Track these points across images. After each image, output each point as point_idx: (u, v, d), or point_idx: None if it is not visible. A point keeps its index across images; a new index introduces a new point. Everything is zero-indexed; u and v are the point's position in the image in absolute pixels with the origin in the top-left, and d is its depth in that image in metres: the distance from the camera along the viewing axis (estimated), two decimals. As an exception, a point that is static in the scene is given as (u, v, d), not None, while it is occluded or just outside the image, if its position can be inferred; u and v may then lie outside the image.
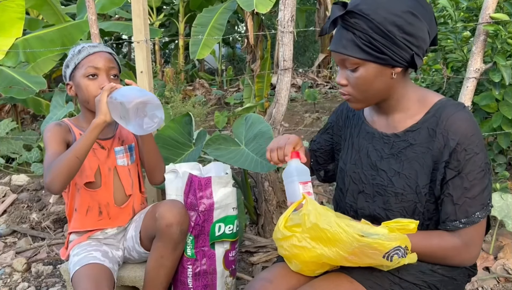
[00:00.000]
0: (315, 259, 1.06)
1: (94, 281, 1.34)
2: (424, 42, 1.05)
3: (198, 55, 4.36)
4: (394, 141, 1.13)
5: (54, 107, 2.91)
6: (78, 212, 1.54)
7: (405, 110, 1.13)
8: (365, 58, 1.03)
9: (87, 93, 1.48)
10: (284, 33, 2.16)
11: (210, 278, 1.57)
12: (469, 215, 1.04)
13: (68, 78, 1.53)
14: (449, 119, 1.04)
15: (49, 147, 1.44)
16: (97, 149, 1.54)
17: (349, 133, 1.28)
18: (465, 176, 1.03)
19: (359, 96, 1.10)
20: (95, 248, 1.50)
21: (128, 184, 1.60)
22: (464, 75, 2.00)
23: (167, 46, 9.41)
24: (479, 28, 1.90)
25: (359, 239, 0.95)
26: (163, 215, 1.42)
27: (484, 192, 1.04)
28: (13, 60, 3.82)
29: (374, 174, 1.16)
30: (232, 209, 1.59)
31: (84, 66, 1.48)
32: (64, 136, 1.49)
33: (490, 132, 2.25)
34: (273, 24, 6.48)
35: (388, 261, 0.98)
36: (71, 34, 3.94)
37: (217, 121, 4.33)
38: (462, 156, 1.02)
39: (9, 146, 3.67)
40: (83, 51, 1.49)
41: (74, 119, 1.59)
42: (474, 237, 1.06)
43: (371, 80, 1.06)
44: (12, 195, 2.94)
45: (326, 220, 0.99)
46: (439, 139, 1.05)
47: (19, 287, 2.11)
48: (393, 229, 0.97)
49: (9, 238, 2.60)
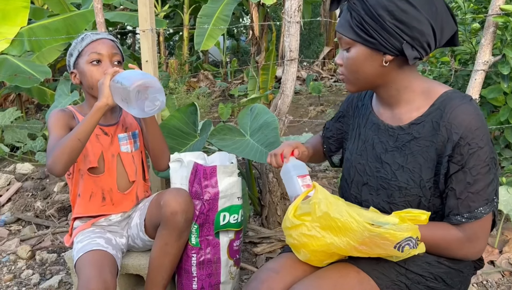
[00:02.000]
0: (325, 248, 1.05)
1: (96, 267, 1.34)
2: (422, 34, 1.01)
3: (203, 46, 4.34)
4: (399, 134, 1.12)
5: (59, 96, 2.90)
6: (82, 198, 1.55)
7: (409, 102, 1.11)
8: (354, 38, 1.06)
9: (91, 79, 1.49)
10: (291, 23, 2.14)
11: (214, 267, 1.57)
12: (472, 210, 1.02)
13: (72, 66, 1.54)
14: (453, 112, 1.02)
15: (52, 131, 1.45)
16: (100, 135, 1.55)
17: (357, 123, 1.27)
18: (468, 170, 1.01)
19: (350, 77, 1.12)
20: (99, 235, 1.51)
21: (131, 171, 1.61)
22: (471, 68, 1.98)
23: (171, 38, 9.38)
24: (488, 20, 1.88)
25: (370, 229, 0.94)
26: (168, 203, 1.42)
27: (488, 187, 1.02)
28: (18, 49, 3.82)
29: (379, 167, 1.15)
30: (237, 199, 1.59)
31: (88, 53, 1.49)
32: (68, 121, 1.50)
33: (497, 125, 2.23)
34: (278, 16, 6.43)
35: (399, 251, 0.97)
36: (76, 23, 3.92)
37: (221, 113, 4.32)
38: (466, 150, 1.00)
39: (14, 135, 3.68)
40: (86, 39, 1.51)
41: (79, 107, 1.60)
42: (478, 232, 1.05)
43: (360, 62, 1.07)
44: (17, 184, 2.95)
45: (337, 209, 0.98)
46: (442, 132, 1.04)
47: (24, 274, 2.13)
48: (404, 219, 0.96)
49: (13, 226, 2.61)
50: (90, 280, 1.28)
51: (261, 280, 1.13)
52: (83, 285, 1.27)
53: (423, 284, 1.09)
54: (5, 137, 3.69)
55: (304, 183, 1.21)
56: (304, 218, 1.06)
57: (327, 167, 3.21)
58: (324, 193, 1.02)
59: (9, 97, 5.30)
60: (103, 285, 1.28)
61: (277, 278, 1.13)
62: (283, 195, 2.38)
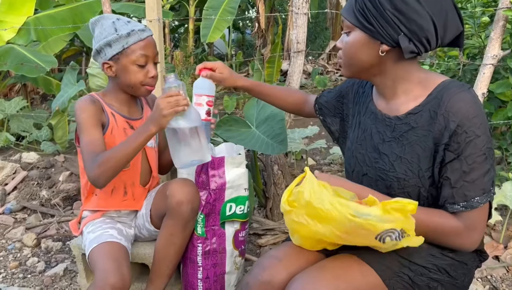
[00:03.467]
0: (311, 234, 1.06)
1: (114, 260, 1.33)
2: (420, 29, 1.00)
3: (209, 38, 4.33)
4: (396, 124, 1.11)
5: (65, 85, 2.91)
6: (103, 191, 1.52)
7: (406, 92, 1.11)
8: (354, 23, 1.07)
9: (134, 80, 1.43)
10: (299, 15, 2.13)
11: (219, 257, 1.58)
12: (468, 199, 1.01)
13: (108, 58, 1.43)
14: (451, 100, 1.01)
15: (87, 131, 1.38)
16: (127, 129, 1.51)
17: (357, 110, 1.27)
18: (464, 159, 1.00)
19: (346, 61, 1.13)
20: (110, 226, 1.50)
21: (154, 165, 1.62)
22: (480, 62, 1.96)
23: (176, 30, 9.36)
24: (498, 13, 1.87)
25: (350, 219, 0.94)
26: (174, 193, 1.42)
27: (484, 177, 1.00)
28: (24, 38, 3.82)
29: (377, 158, 1.15)
30: (244, 190, 1.59)
31: (135, 53, 1.41)
32: (99, 117, 1.44)
33: (505, 120, 2.22)
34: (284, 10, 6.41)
35: (381, 242, 0.97)
36: (82, 13, 3.92)
37: (226, 106, 4.32)
38: (462, 138, 0.99)
39: (20, 124, 3.69)
40: (133, 35, 1.41)
41: (103, 95, 1.52)
42: (476, 221, 1.03)
43: (357, 48, 1.08)
44: (23, 172, 2.96)
45: (319, 198, 0.98)
46: (439, 120, 1.02)
47: (29, 261, 2.14)
48: (388, 210, 0.95)
49: (19, 214, 2.62)
50: (108, 273, 1.28)
51: (264, 267, 1.13)
52: (101, 279, 1.27)
53: (426, 276, 1.08)
54: (11, 126, 3.70)
55: (196, 102, 1.39)
56: (294, 204, 1.06)
57: (332, 160, 3.21)
58: (312, 181, 1.01)
59: (15, 87, 5.31)
60: (121, 278, 1.28)
61: (280, 266, 1.13)
62: (287, 186, 2.38)
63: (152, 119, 1.28)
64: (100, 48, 1.43)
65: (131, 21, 1.45)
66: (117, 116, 1.49)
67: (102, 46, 1.42)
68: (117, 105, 1.51)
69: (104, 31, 1.42)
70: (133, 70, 1.42)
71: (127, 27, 1.41)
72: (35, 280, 2.01)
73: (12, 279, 2.02)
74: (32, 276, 2.04)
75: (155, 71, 1.46)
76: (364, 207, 0.96)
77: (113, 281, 1.26)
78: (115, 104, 1.51)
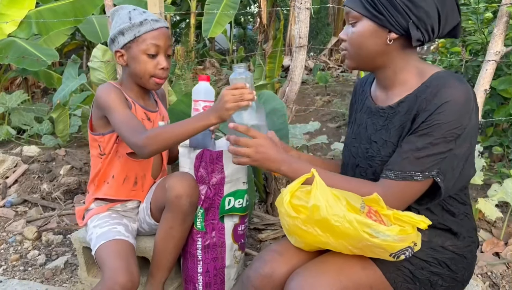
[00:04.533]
0: (319, 244, 1.05)
1: (123, 259, 1.34)
2: (428, 16, 1.03)
3: (211, 33, 4.32)
4: (388, 113, 1.13)
5: (67, 79, 2.90)
6: (115, 180, 1.53)
7: (403, 83, 1.12)
8: (362, 12, 1.07)
9: (144, 70, 1.44)
10: (301, 10, 2.13)
11: (219, 251, 1.58)
12: (405, 170, 1.02)
13: (121, 46, 1.44)
14: (439, 86, 1.02)
15: (120, 108, 1.38)
16: (145, 120, 1.52)
17: (355, 109, 1.29)
18: (423, 136, 1.01)
19: (352, 52, 1.13)
20: (117, 221, 1.50)
21: (165, 157, 1.65)
22: (482, 59, 1.96)
23: (178, 25, 9.34)
24: (501, 10, 1.86)
25: (367, 239, 0.95)
26: (173, 187, 1.42)
27: (430, 157, 1.01)
28: (25, 32, 3.81)
29: (368, 147, 1.16)
30: (242, 184, 1.59)
31: (146, 42, 1.41)
32: (125, 100, 1.45)
33: (507, 117, 2.21)
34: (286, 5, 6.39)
35: (394, 259, 0.99)
36: (84, 7, 3.90)
37: (227, 101, 4.30)
38: (434, 118, 1.00)
39: (21, 118, 3.69)
40: (146, 24, 1.41)
41: (121, 85, 1.52)
42: (398, 192, 1.04)
43: (366, 38, 1.08)
44: (23, 166, 2.96)
45: (337, 215, 0.96)
46: (421, 102, 1.04)
47: (30, 254, 2.15)
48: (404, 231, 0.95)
49: (20, 207, 2.63)
50: (118, 272, 1.28)
51: (265, 260, 1.14)
52: (110, 278, 1.27)
53: (427, 270, 1.09)
54: (12, 120, 3.71)
55: (194, 107, 1.44)
56: (300, 209, 1.03)
57: (333, 156, 3.21)
58: (324, 191, 0.99)
59: (16, 81, 5.31)
60: (130, 278, 1.28)
61: (281, 260, 1.13)
62: (288, 182, 2.38)
63: (215, 109, 1.23)
64: (114, 37, 1.45)
65: (147, 11, 1.46)
66: (136, 105, 1.51)
67: (116, 35, 1.44)
68: (134, 96, 1.52)
69: (119, 20, 1.44)
70: (143, 60, 1.43)
71: (141, 17, 1.42)
72: (36, 273, 2.01)
73: (12, 272, 2.03)
74: (32, 269, 2.04)
75: (165, 63, 1.45)
76: (381, 226, 0.95)
77: (123, 281, 1.26)
78: (131, 94, 1.52)
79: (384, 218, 1.01)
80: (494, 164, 2.58)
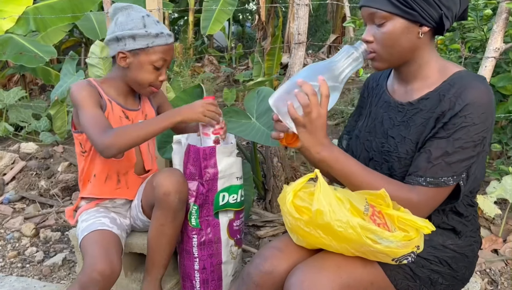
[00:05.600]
0: (320, 245, 1.05)
1: (102, 247, 1.34)
2: (454, 3, 1.03)
3: (210, 30, 4.31)
4: (408, 109, 1.12)
5: (65, 75, 2.89)
6: (97, 179, 1.53)
7: (425, 78, 1.11)
8: (394, 11, 1.03)
9: (145, 80, 1.45)
10: (300, 6, 2.12)
11: (215, 247, 1.57)
12: (437, 177, 1.01)
13: (128, 50, 1.42)
14: (462, 86, 1.02)
15: (88, 107, 1.38)
16: (123, 118, 1.51)
17: (370, 102, 1.27)
18: (452, 141, 1.00)
19: (384, 53, 1.08)
20: (104, 215, 1.51)
21: (147, 159, 1.63)
22: (481, 56, 1.95)
23: (176, 22, 9.31)
24: (501, 6, 1.85)
25: (371, 244, 0.94)
26: (161, 184, 1.41)
27: (462, 162, 1.00)
28: (23, 28, 3.79)
29: (384, 142, 1.15)
30: (236, 179, 1.58)
31: (157, 55, 1.42)
32: (97, 98, 1.44)
33: (506, 114, 2.21)
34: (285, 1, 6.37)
35: (396, 263, 0.99)
36: (82, 3, 3.88)
37: (226, 98, 4.30)
38: (460, 121, 0.99)
39: (18, 115, 3.67)
40: (161, 38, 1.43)
41: (102, 82, 1.51)
42: (430, 199, 1.03)
43: (398, 36, 1.05)
44: (21, 162, 2.95)
45: (340, 221, 0.95)
46: (446, 103, 1.03)
47: (28, 251, 2.14)
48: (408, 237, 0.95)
49: (18, 204, 2.62)
50: (96, 260, 1.28)
51: (265, 257, 1.13)
52: (89, 265, 1.28)
53: (427, 268, 1.09)
54: (10, 117, 3.69)
55: (203, 131, 1.48)
56: (303, 211, 1.02)
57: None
58: (328, 194, 0.97)
59: (13, 78, 5.28)
60: (109, 265, 1.28)
61: (281, 257, 1.13)
62: (287, 179, 2.38)
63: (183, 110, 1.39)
64: (122, 37, 1.42)
65: (160, 22, 1.47)
66: (114, 104, 1.50)
67: (125, 36, 1.41)
68: (114, 94, 1.51)
69: (131, 22, 1.42)
70: (147, 70, 1.44)
71: (156, 28, 1.43)
72: (34, 269, 2.01)
73: (10, 269, 2.02)
74: (30, 266, 2.04)
75: (165, 76, 1.49)
76: (385, 232, 0.94)
77: (101, 268, 1.26)
78: (112, 92, 1.51)
79: (388, 220, 1.00)
80: (493, 161, 2.58)
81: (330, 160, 1.06)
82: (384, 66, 1.12)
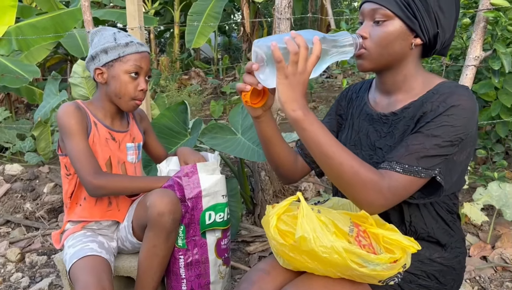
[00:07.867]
0: (306, 269, 1.04)
1: (94, 275, 1.31)
2: (449, 28, 1.06)
3: (194, 44, 4.32)
4: (392, 120, 1.12)
5: (47, 96, 2.86)
6: (87, 201, 1.51)
7: (409, 90, 1.11)
8: (397, 13, 1.04)
9: (124, 91, 1.45)
10: (281, 20, 2.13)
11: (202, 267, 1.55)
12: (412, 165, 0.99)
13: (102, 64, 1.44)
14: (447, 93, 1.02)
15: (76, 139, 1.40)
16: (109, 140, 1.50)
17: (351, 114, 1.27)
18: (431, 137, 0.99)
19: (374, 52, 1.08)
20: (91, 239, 1.48)
21: None
22: (462, 63, 1.97)
23: (162, 35, 9.32)
24: (479, 15, 1.88)
25: (357, 269, 0.93)
26: (154, 204, 1.39)
27: (435, 158, 0.99)
28: (5, 48, 3.76)
29: (372, 154, 1.15)
30: (221, 197, 1.57)
31: (130, 63, 1.43)
32: (85, 124, 1.44)
33: (489, 120, 2.23)
34: (269, 13, 6.41)
35: (383, 284, 0.99)
36: (64, 22, 3.87)
37: (213, 111, 4.30)
38: (442, 120, 0.99)
39: (2, 135, 3.63)
40: (131, 46, 1.44)
41: (89, 104, 1.52)
42: (400, 187, 0.99)
43: (393, 38, 1.06)
44: (6, 185, 2.90)
45: (324, 247, 0.93)
46: (428, 105, 1.03)
47: (13, 277, 2.09)
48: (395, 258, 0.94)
49: (2, 228, 2.57)
50: (89, 287, 1.26)
51: (252, 281, 1.12)
52: None
53: (415, 283, 1.08)
54: (-6, 138, 3.64)
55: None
56: (287, 235, 1.01)
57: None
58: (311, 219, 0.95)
59: (-2, 97, 5.24)
60: None
61: (268, 279, 1.11)
62: (275, 193, 2.37)
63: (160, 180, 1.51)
64: (95, 54, 1.45)
65: (131, 35, 1.50)
66: (99, 125, 1.48)
67: (98, 52, 1.44)
68: (101, 115, 1.50)
69: (103, 39, 1.46)
70: (124, 80, 1.44)
71: (126, 38, 1.46)
72: (19, 296, 1.96)
73: (-5, 296, 1.98)
74: (16, 292, 2.00)
75: (145, 85, 1.47)
76: (371, 256, 0.92)
77: None
78: (99, 114, 1.50)
79: (373, 240, 0.99)
80: (478, 167, 2.60)
81: (304, 121, 0.97)
82: (370, 66, 1.11)
